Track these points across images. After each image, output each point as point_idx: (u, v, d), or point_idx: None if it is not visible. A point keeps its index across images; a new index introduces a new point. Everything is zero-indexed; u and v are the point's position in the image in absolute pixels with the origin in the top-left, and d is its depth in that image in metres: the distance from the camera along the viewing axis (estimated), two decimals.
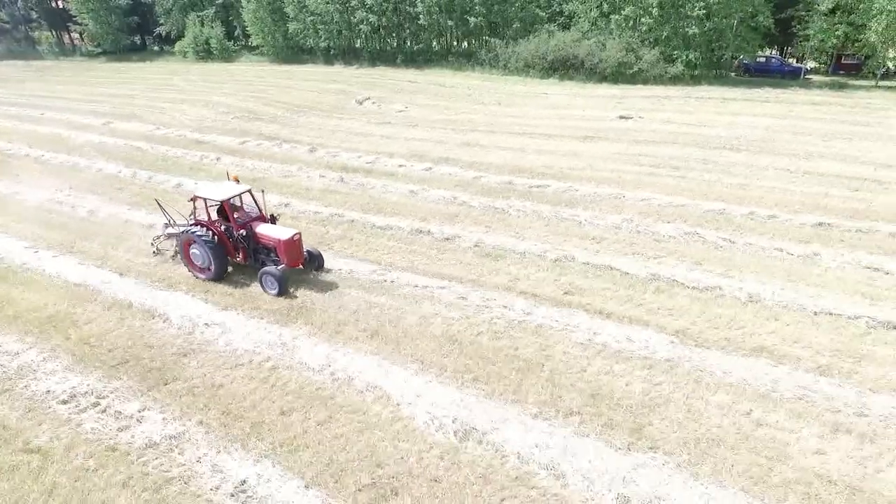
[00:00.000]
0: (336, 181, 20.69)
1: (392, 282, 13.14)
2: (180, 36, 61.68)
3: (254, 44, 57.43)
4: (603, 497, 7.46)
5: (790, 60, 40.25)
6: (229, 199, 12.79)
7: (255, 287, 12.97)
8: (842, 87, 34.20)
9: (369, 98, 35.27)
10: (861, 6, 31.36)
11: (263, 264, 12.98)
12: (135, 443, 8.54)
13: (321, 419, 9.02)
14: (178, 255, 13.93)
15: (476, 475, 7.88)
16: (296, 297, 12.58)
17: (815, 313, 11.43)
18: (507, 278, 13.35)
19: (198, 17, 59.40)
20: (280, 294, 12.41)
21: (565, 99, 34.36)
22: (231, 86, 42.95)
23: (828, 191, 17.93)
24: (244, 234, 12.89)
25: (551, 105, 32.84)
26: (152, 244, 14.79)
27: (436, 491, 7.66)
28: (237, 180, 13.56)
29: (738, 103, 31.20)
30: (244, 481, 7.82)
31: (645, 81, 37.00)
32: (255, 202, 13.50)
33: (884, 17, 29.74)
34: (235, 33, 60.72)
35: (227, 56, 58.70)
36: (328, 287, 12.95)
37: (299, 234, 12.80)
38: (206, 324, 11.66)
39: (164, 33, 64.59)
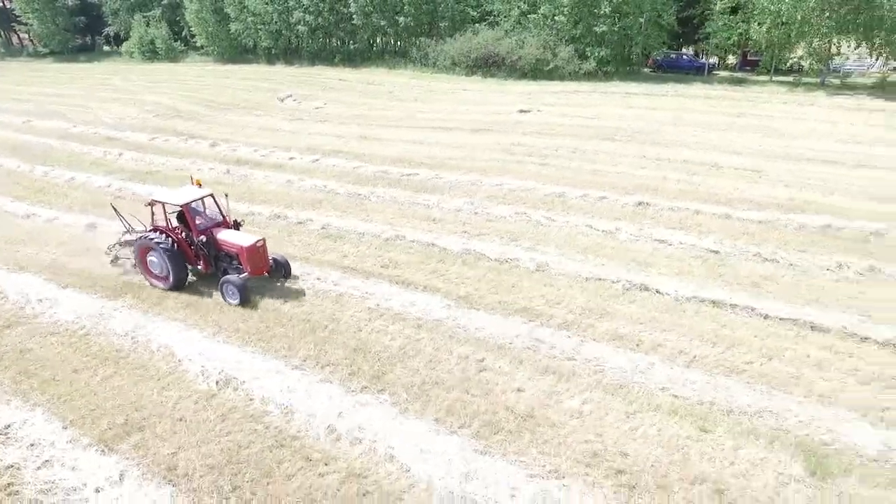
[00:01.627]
0: (223, 173, 21.76)
1: None
2: (129, 36, 62.02)
3: (199, 44, 58.04)
4: (316, 429, 8.68)
5: (701, 58, 42.01)
6: (189, 203, 12.20)
7: (87, 261, 14.01)
8: (741, 82, 36.06)
9: (291, 95, 36.31)
10: (749, 6, 33.16)
11: (226, 272, 12.46)
12: None
13: (107, 375, 10.16)
14: (136, 264, 13.22)
15: (218, 415, 9.09)
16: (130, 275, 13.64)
17: (587, 279, 12.84)
18: (336, 255, 14.59)
19: (143, 17, 59.81)
20: (242, 304, 11.91)
21: (481, 95, 35.73)
22: (168, 85, 43.64)
23: (667, 175, 19.45)
24: (204, 240, 12.36)
25: (465, 101, 34.18)
26: (108, 252, 13.92)
27: (176, 427, 8.84)
28: (200, 184, 12.85)
29: (639, 97, 32.82)
30: (9, 425, 8.92)
31: (561, 78, 38.51)
32: (218, 207, 12.90)
33: (766, 17, 31.52)
34: (182, 34, 61.27)
35: (173, 56, 59.19)
36: None
37: (263, 240, 12.28)
38: (38, 300, 12.72)
39: (112, 34, 64.89)
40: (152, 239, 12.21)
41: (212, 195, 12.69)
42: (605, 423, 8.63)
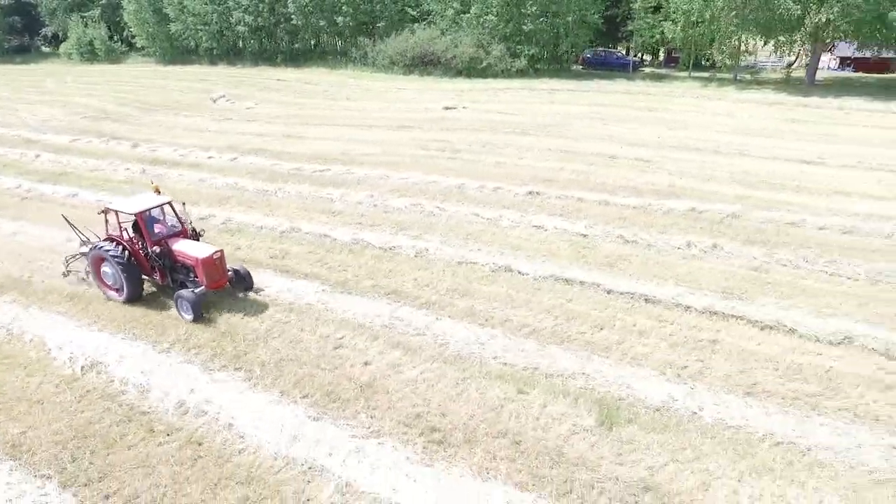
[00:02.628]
0: (138, 173, 21.97)
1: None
2: (67, 37, 60.80)
3: (139, 45, 57.34)
4: (167, 405, 9.25)
5: (631, 55, 43.68)
6: (143, 211, 11.69)
7: None
8: (662, 78, 37.72)
9: (224, 96, 36.43)
10: (667, 5, 34.78)
11: (183, 285, 11.88)
12: None
13: None
14: (90, 275, 12.77)
15: (76, 396, 9.57)
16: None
17: (459, 263, 13.69)
18: (230, 248, 14.95)
19: (81, 17, 58.74)
20: (195, 320, 11.33)
21: (414, 93, 36.49)
22: (102, 87, 43.16)
23: (565, 166, 20.53)
24: (158, 251, 11.81)
25: (397, 99, 34.89)
26: (65, 264, 13.30)
27: (32, 409, 9.29)
28: (158, 191, 12.46)
29: (563, 94, 34.08)
30: None
31: (495, 76, 39.59)
32: (177, 215, 12.45)
33: (681, 15, 33.14)
34: (124, 34, 60.37)
35: (113, 58, 58.36)
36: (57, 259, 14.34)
37: (221, 251, 11.74)
38: None
39: (50, 35, 63.49)
40: (105, 249, 11.70)
41: (170, 203, 12.19)
42: (435, 389, 9.45)
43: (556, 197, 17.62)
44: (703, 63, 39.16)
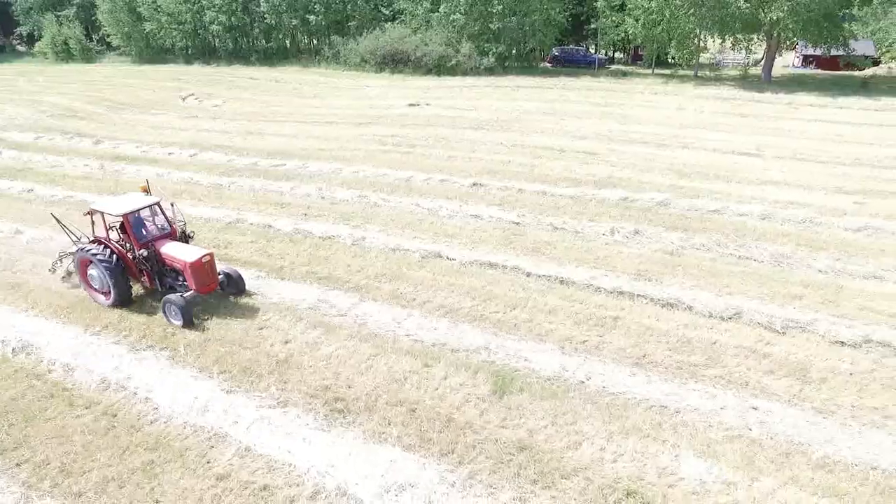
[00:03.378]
0: (97, 168, 22.31)
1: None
2: (42, 36, 60.63)
3: (115, 45, 57.34)
4: (90, 381, 9.74)
5: (596, 53, 44.46)
6: (129, 213, 11.30)
7: None
8: (625, 75, 38.51)
9: (193, 94, 36.74)
10: (629, 4, 35.56)
11: (172, 289, 11.49)
12: None
13: None
14: (74, 275, 12.49)
15: (5, 375, 10.02)
16: None
17: (393, 250, 14.25)
18: None
19: (56, 16, 58.62)
20: (185, 325, 10.99)
21: (381, 91, 36.99)
22: (74, 86, 43.19)
23: (513, 159, 21.15)
24: (145, 254, 11.38)
25: (364, 96, 35.39)
26: (53, 264, 13.05)
27: None
28: (146, 191, 12.14)
29: (527, 90, 34.73)
30: None
31: (464, 73, 40.20)
32: (165, 216, 12.09)
33: (641, 13, 33.93)
34: (100, 34, 60.30)
35: (88, 57, 58.28)
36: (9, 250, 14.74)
37: (210, 254, 11.34)
38: None
39: (25, 34, 63.25)
40: (91, 252, 11.33)
41: (158, 203, 11.83)
42: (347, 364, 10.00)
43: (497, 188, 18.22)
44: (668, 60, 39.99)
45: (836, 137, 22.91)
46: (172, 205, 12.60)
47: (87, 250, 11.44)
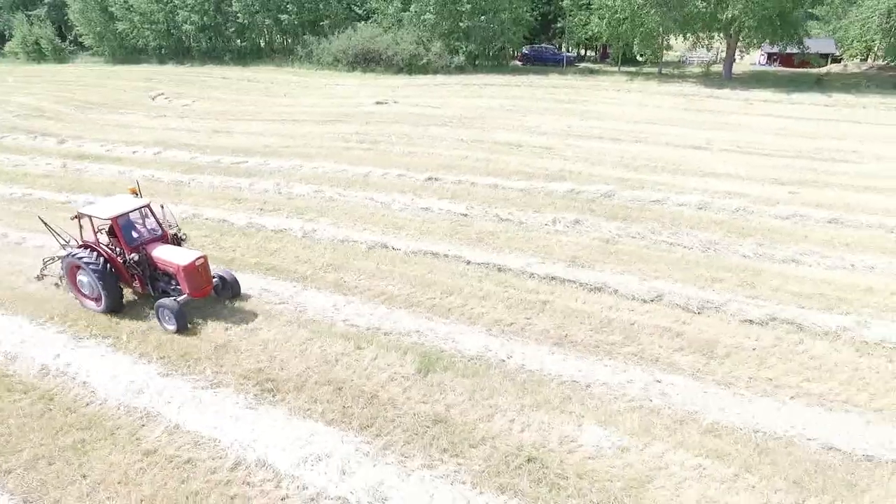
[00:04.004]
0: (59, 167, 22.43)
1: (18, 242, 15.29)
2: (13, 36, 60.10)
3: (87, 45, 57.01)
4: (30, 368, 10.03)
5: (565, 52, 45.18)
6: (118, 216, 10.96)
7: None
8: (593, 72, 39.22)
9: (163, 94, 36.82)
10: (594, 3, 36.27)
11: (165, 294, 11.26)
12: None
13: None
14: (63, 281, 12.10)
15: None
16: None
17: (342, 241, 14.66)
18: None
19: (27, 16, 58.12)
20: (179, 331, 10.71)
21: (352, 89, 37.33)
22: (44, 86, 42.97)
23: (470, 154, 21.65)
24: (136, 258, 11.09)
25: (333, 95, 35.71)
26: (41, 271, 12.61)
27: None
28: (136, 192, 11.77)
29: (494, 88, 35.29)
30: None
31: (434, 72, 40.66)
32: (156, 219, 11.75)
33: (605, 12, 34.64)
34: (73, 34, 59.91)
35: (61, 57, 57.86)
36: None
37: (204, 257, 11.09)
38: None
39: None
40: (80, 257, 10.99)
41: (148, 206, 11.57)
42: (283, 348, 10.39)
43: (452, 182, 18.70)
44: (635, 58, 40.78)
45: (781, 131, 23.74)
46: (163, 207, 12.20)
47: (77, 256, 11.07)
